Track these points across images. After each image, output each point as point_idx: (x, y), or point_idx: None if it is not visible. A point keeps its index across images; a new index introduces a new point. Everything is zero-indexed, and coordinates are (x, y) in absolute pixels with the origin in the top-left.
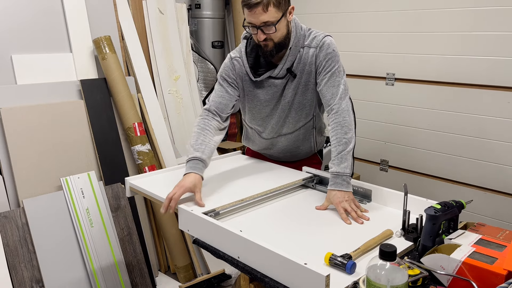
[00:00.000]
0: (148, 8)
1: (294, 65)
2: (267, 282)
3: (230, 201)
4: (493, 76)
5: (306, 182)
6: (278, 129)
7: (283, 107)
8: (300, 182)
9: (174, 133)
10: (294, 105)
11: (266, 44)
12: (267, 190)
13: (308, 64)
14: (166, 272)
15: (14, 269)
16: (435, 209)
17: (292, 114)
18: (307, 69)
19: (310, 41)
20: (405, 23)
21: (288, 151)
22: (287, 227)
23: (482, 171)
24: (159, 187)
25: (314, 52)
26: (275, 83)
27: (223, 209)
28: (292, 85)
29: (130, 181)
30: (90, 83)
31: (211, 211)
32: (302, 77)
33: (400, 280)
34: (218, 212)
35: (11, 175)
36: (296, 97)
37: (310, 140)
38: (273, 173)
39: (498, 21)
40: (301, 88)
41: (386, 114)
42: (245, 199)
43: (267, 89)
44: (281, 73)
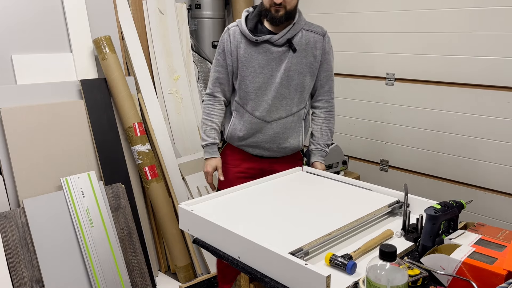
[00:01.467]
0: (148, 8)
1: (295, 40)
2: (267, 282)
3: (317, 237)
4: (493, 76)
5: (393, 208)
6: (275, 108)
7: (282, 81)
8: (386, 209)
9: (174, 133)
10: (294, 83)
11: (278, 10)
12: (353, 220)
13: (314, 47)
14: (166, 272)
15: (14, 269)
16: (435, 209)
17: (292, 94)
18: (313, 52)
19: (311, 27)
20: (405, 23)
21: (276, 141)
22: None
23: (482, 171)
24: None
25: (321, 39)
26: (271, 50)
27: (310, 247)
28: (294, 60)
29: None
30: (90, 83)
31: (298, 250)
32: (307, 57)
33: (400, 280)
34: (307, 251)
35: (11, 175)
36: (298, 75)
37: (299, 132)
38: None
39: (498, 21)
40: (304, 68)
41: (386, 114)
42: (332, 233)
43: (263, 55)
44: (280, 41)
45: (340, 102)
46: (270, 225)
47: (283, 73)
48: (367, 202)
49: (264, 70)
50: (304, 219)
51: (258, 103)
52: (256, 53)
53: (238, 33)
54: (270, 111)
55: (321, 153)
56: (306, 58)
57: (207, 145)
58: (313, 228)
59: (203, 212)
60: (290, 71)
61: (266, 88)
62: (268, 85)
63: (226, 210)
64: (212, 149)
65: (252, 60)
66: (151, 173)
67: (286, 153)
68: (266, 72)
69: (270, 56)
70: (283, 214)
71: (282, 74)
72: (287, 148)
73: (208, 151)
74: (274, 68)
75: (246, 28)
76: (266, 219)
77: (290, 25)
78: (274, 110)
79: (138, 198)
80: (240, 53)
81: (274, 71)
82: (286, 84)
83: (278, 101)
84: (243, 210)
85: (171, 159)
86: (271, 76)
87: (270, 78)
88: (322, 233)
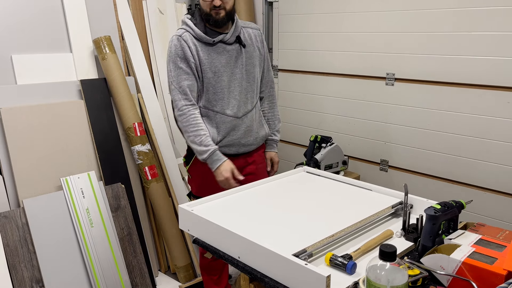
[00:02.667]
0: (148, 8)
1: (241, 37)
2: (267, 282)
3: (320, 238)
4: (493, 76)
5: (397, 209)
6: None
7: (242, 75)
8: (389, 211)
9: (174, 133)
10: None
11: (218, 12)
12: (357, 222)
13: (256, 40)
14: (166, 272)
15: (14, 269)
16: (435, 209)
17: (252, 86)
18: (257, 45)
19: (246, 24)
20: (405, 23)
21: (249, 134)
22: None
23: (482, 171)
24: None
25: (259, 33)
26: (227, 49)
27: (314, 249)
28: (246, 54)
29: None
30: (90, 83)
31: (302, 252)
32: (255, 51)
33: (400, 280)
34: (311, 253)
35: (11, 175)
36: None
37: (262, 121)
38: (349, 196)
39: (497, 21)
40: (255, 61)
41: (386, 114)
42: (335, 235)
43: (221, 55)
44: (231, 39)
45: (340, 102)
46: (272, 225)
47: (242, 68)
48: (370, 203)
49: (226, 68)
50: (307, 220)
51: (228, 101)
52: (215, 53)
53: (192, 38)
54: (239, 106)
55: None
56: (254, 52)
57: (212, 153)
58: (316, 229)
59: (203, 212)
60: (247, 65)
61: (231, 85)
62: (232, 82)
63: (227, 211)
64: (217, 155)
65: (214, 61)
66: (151, 173)
67: (259, 143)
68: (228, 70)
69: (227, 54)
70: (284, 215)
71: (241, 69)
72: (259, 137)
73: (215, 159)
74: (233, 65)
75: (200, 32)
76: (267, 220)
77: (233, 25)
78: (242, 105)
79: (138, 198)
80: (201, 57)
81: (234, 68)
82: (247, 78)
83: (244, 95)
84: (243, 211)
85: (171, 159)
86: (233, 73)
87: (233, 75)
88: (325, 234)
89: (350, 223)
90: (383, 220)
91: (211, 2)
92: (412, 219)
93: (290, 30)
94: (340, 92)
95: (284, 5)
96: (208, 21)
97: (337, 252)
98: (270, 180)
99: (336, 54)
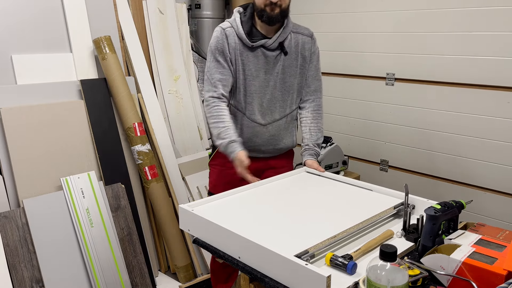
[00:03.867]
0: (148, 8)
1: (286, 43)
2: (267, 282)
3: (322, 239)
4: (493, 76)
5: (399, 210)
6: (269, 111)
7: (275, 84)
8: (391, 211)
9: (174, 133)
10: (287, 85)
11: (273, 8)
12: (359, 222)
13: (303, 48)
14: (166, 272)
15: (14, 269)
16: (435, 209)
17: (285, 96)
18: (303, 53)
19: (298, 29)
20: (405, 23)
21: (272, 143)
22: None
23: (482, 171)
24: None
25: (309, 41)
26: (266, 54)
27: (316, 250)
28: (285, 62)
29: (186, 208)
30: (90, 83)
31: (304, 253)
32: (298, 59)
33: (401, 280)
34: (313, 254)
35: (11, 175)
36: (290, 78)
37: (292, 132)
38: (350, 196)
39: (498, 21)
40: (295, 69)
41: (386, 114)
42: (337, 236)
43: (258, 58)
44: (274, 44)
45: (340, 102)
46: (273, 226)
47: (277, 76)
48: (371, 204)
49: (259, 74)
50: (308, 221)
51: (254, 106)
52: (252, 57)
53: (234, 35)
54: (265, 114)
55: (311, 152)
56: (296, 60)
57: (230, 143)
58: (318, 230)
59: (204, 213)
60: (283, 74)
61: (262, 91)
62: (263, 89)
63: (228, 212)
64: (232, 147)
65: (249, 63)
66: (151, 173)
67: (281, 152)
68: (261, 76)
69: (264, 60)
70: (286, 215)
71: (275, 77)
72: (282, 148)
73: (234, 148)
74: (269, 71)
75: (243, 32)
76: (268, 220)
77: (281, 28)
78: (269, 113)
79: (138, 198)
80: (237, 56)
81: (269, 74)
82: (280, 87)
83: (273, 104)
84: (244, 211)
85: (171, 159)
86: (265, 80)
87: (265, 82)
88: (327, 235)
89: (352, 224)
90: (385, 221)
91: None
92: (413, 219)
93: None
94: (340, 92)
95: None
96: (262, 17)
97: (337, 253)
98: (271, 181)
99: (336, 54)
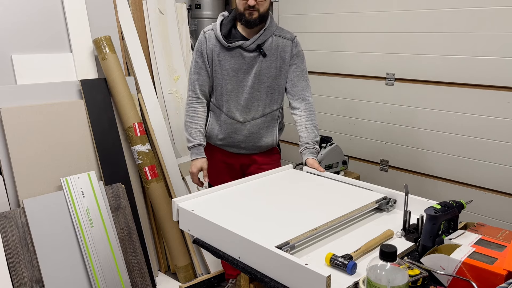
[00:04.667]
0: (148, 8)
1: (265, 46)
2: (267, 282)
3: (303, 232)
4: (493, 76)
5: (380, 204)
6: (247, 110)
7: (253, 84)
8: (373, 205)
9: (174, 133)
10: (264, 86)
11: (251, 13)
12: (340, 215)
13: (283, 51)
14: (166, 272)
15: (14, 269)
16: (435, 209)
17: (263, 96)
18: (282, 56)
19: (281, 33)
20: (405, 23)
21: (251, 140)
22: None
23: (482, 171)
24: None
25: (289, 44)
26: (243, 55)
27: (297, 241)
28: (264, 64)
29: (178, 204)
30: (90, 83)
31: (285, 244)
32: (277, 61)
33: (401, 280)
34: (293, 245)
35: (11, 175)
36: (268, 78)
37: (273, 132)
38: (335, 192)
39: (498, 21)
40: (273, 71)
41: (386, 114)
42: (318, 228)
43: (235, 59)
44: (252, 46)
45: (340, 102)
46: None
47: (254, 77)
48: (355, 198)
49: (236, 73)
50: (292, 215)
51: (232, 104)
52: (229, 57)
53: (213, 37)
54: (243, 112)
55: (311, 150)
56: (275, 62)
57: (194, 146)
58: (299, 223)
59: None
60: (261, 74)
61: (239, 90)
62: (240, 88)
63: (218, 207)
64: (199, 150)
65: (226, 64)
66: (151, 173)
67: (262, 150)
68: (239, 76)
69: (242, 60)
70: (270, 211)
71: (253, 77)
72: (262, 146)
73: (194, 152)
74: (246, 71)
75: (220, 34)
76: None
77: (261, 30)
78: (247, 112)
79: (138, 198)
80: (214, 57)
81: (246, 74)
82: (257, 87)
83: (250, 103)
84: (233, 207)
85: (171, 159)
86: (243, 79)
87: (242, 81)
88: (308, 228)
89: (334, 217)
90: (367, 215)
91: (246, 1)
92: (413, 219)
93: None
94: (340, 92)
95: (284, 5)
96: (241, 20)
97: (337, 252)
98: (260, 177)
99: (336, 54)
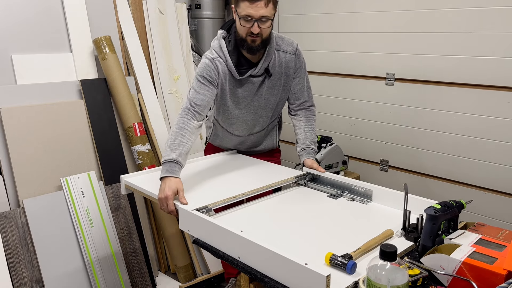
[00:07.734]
0: (148, 8)
1: (270, 65)
2: (267, 282)
3: (222, 198)
4: (493, 76)
5: (298, 179)
6: (251, 127)
7: (260, 104)
8: (292, 180)
9: None
10: (271, 104)
11: (254, 40)
12: (259, 187)
13: (287, 67)
14: (166, 272)
15: (14, 269)
16: (435, 209)
17: (268, 113)
18: (286, 72)
19: (282, 45)
20: (405, 23)
21: (251, 146)
22: (284, 226)
23: (482, 171)
24: (153, 184)
25: (293, 58)
26: (252, 81)
27: (215, 206)
28: (269, 84)
29: (125, 178)
30: (90, 83)
31: (203, 207)
32: (281, 78)
33: (401, 280)
34: (210, 208)
35: (11, 175)
36: (273, 97)
37: (273, 136)
38: (265, 171)
39: (498, 21)
40: (278, 88)
41: (386, 114)
42: (237, 196)
43: (245, 87)
44: (260, 71)
45: (340, 102)
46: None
47: (261, 97)
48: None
49: (245, 99)
50: None
51: (238, 125)
52: (239, 86)
53: (224, 66)
54: (249, 129)
55: (308, 150)
56: (280, 80)
57: (170, 162)
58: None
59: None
60: (266, 94)
61: (246, 111)
62: (247, 110)
63: None
64: (174, 167)
65: (236, 92)
66: None
67: (262, 151)
68: (247, 101)
69: (251, 86)
70: None
71: (260, 98)
72: (263, 149)
73: (169, 169)
74: (254, 94)
75: (233, 65)
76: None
77: (264, 54)
78: (252, 128)
79: (138, 198)
80: (225, 87)
81: (254, 96)
82: (264, 105)
83: (256, 121)
84: None
85: None
86: (251, 101)
87: (251, 103)
88: (227, 195)
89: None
90: (288, 189)
91: (249, 28)
92: (412, 219)
93: (290, 30)
94: (340, 92)
95: (284, 5)
96: (242, 46)
97: (337, 252)
98: None
99: (336, 54)
